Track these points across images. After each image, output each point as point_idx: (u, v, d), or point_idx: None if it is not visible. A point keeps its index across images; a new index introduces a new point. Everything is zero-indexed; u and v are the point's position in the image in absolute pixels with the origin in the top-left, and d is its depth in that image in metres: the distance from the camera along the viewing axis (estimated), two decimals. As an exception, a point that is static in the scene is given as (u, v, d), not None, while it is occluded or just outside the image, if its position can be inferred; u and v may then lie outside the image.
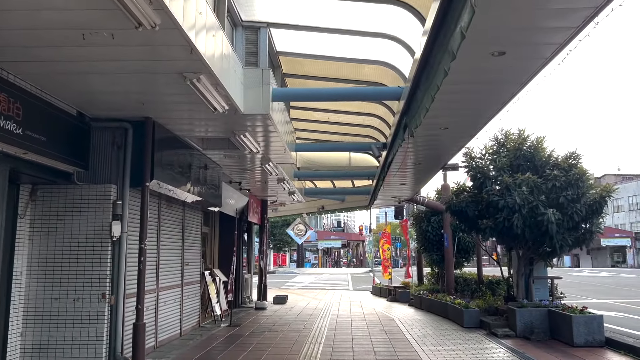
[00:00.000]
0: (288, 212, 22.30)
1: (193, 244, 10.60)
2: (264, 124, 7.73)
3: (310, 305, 15.88)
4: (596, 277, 31.80)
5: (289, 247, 59.63)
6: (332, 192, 18.54)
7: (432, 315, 12.93)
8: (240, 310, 14.14)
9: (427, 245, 17.13)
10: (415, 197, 16.93)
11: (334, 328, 10.73)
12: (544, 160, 10.16)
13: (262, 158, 10.30)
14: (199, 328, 10.64)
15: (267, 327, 11.01)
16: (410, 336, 9.68)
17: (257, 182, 13.54)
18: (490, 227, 9.86)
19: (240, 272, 15.12)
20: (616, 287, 22.96)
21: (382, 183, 11.81)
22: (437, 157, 10.24)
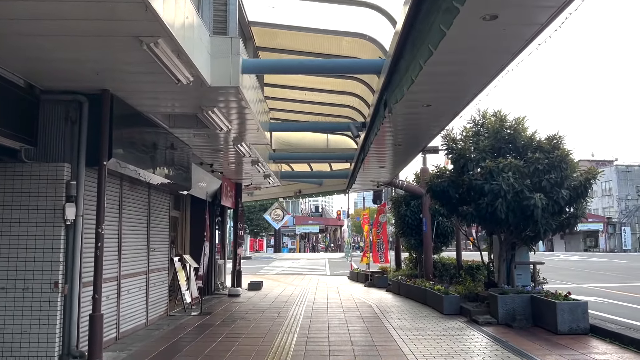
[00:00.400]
0: (264, 196, 21.75)
1: (160, 229, 9.99)
2: (234, 98, 7.14)
3: (286, 291, 15.43)
4: (571, 261, 32.09)
5: (266, 233, 59.15)
6: (309, 175, 18.03)
7: (410, 302, 12.59)
8: (213, 298, 13.61)
9: (405, 230, 16.79)
10: (394, 181, 16.53)
11: (309, 316, 10.29)
12: (526, 142, 9.79)
13: (234, 138, 9.72)
14: (167, 317, 10.09)
15: (239, 315, 10.52)
16: (388, 324, 9.29)
17: (231, 164, 12.94)
18: (471, 213, 9.47)
19: (213, 258, 14.56)
20: (592, 272, 23.07)
21: (361, 165, 11.33)
22: (418, 138, 9.79)
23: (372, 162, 12.25)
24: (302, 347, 7.41)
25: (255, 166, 12.62)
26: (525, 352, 7.00)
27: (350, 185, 16.88)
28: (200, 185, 12.45)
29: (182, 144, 10.04)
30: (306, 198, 23.46)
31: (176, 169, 9.80)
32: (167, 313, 10.27)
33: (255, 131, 9.16)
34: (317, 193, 19.87)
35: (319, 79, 10.59)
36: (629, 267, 25.77)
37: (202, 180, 12.60)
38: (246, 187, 17.86)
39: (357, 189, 18.29)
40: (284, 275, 23.34)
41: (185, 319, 10.00)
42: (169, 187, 9.90)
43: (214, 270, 14.74)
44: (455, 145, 10.03)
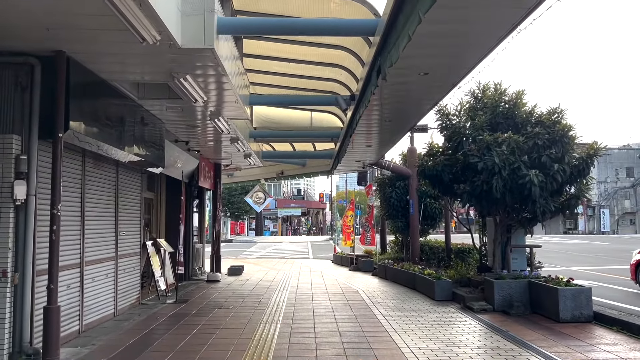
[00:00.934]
0: (245, 177, 20.95)
1: (131, 211, 9.19)
2: (210, 64, 6.34)
3: (268, 276, 14.77)
4: (555, 243, 32.02)
5: (247, 216, 58.36)
6: (291, 155, 17.26)
7: (398, 287, 12.02)
8: (190, 284, 12.88)
9: (391, 212, 16.22)
10: (380, 162, 15.88)
11: (293, 303, 9.64)
12: (525, 118, 9.18)
13: (211, 112, 8.91)
14: (140, 306, 9.34)
15: (218, 303, 9.82)
16: (377, 312, 8.69)
17: (208, 142, 12.12)
18: (467, 192, 8.85)
19: (190, 242, 13.81)
20: (578, 254, 22.88)
21: (348, 141, 10.61)
22: (409, 113, 9.10)
23: (360, 140, 11.55)
24: (286, 339, 6.75)
25: (234, 144, 11.82)
26: (528, 343, 6.44)
27: (335, 165, 16.18)
28: (175, 164, 11.63)
29: (154, 119, 9.21)
30: (288, 180, 22.75)
31: (147, 146, 8.98)
32: (140, 301, 9.52)
33: (234, 104, 8.37)
34: (300, 174, 19.16)
35: (304, 50, 9.80)
36: (612, 250, 25.68)
37: (178, 160, 11.78)
38: (225, 168, 17.05)
39: (342, 170, 17.63)
40: (266, 259, 22.70)
41: (158, 307, 9.27)
42: (140, 165, 9.08)
43: (192, 254, 13.99)
44: (449, 121, 9.36)
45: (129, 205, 9.11)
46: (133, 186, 9.33)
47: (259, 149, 15.67)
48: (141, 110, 8.51)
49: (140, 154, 8.53)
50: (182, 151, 12.04)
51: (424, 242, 16.06)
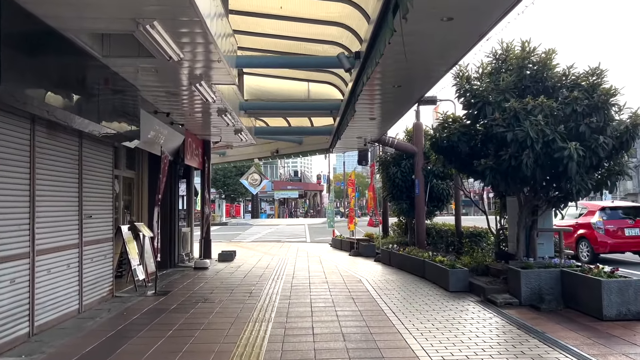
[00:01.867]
0: (238, 156, 19.67)
1: (100, 191, 7.94)
2: (183, 3, 5.05)
3: (262, 262, 13.60)
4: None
5: (243, 198, 57.19)
6: (287, 131, 15.97)
7: (405, 275, 10.86)
8: (176, 272, 11.68)
9: (395, 193, 15.02)
10: (383, 138, 14.62)
11: (288, 296, 8.46)
12: (558, 80, 7.92)
13: (191, 75, 7.62)
14: (112, 299, 8.15)
15: (202, 295, 8.63)
16: (386, 306, 7.51)
17: (194, 114, 10.83)
18: (490, 167, 7.59)
19: (176, 226, 12.60)
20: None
21: (350, 113, 9.34)
22: (424, 75, 7.81)
23: (363, 112, 10.27)
24: (279, 344, 5.56)
25: (223, 117, 10.53)
26: (573, 348, 5.27)
27: (334, 142, 14.91)
28: (156, 139, 10.34)
29: (125, 84, 7.91)
30: (284, 159, 21.47)
31: (117, 115, 7.70)
32: (113, 294, 8.33)
33: (217, 63, 7.07)
34: (297, 153, 17.90)
35: (300, 4, 8.49)
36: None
37: (159, 134, 10.49)
38: (215, 145, 15.78)
39: (341, 148, 16.37)
40: (261, 243, 21.55)
41: (134, 301, 8.07)
42: (110, 138, 7.81)
43: (178, 239, 12.79)
44: (469, 86, 8.08)
45: (98, 184, 7.86)
46: (102, 162, 8.06)
47: (252, 124, 14.39)
48: (108, 73, 7.22)
49: (108, 124, 7.26)
50: (164, 124, 10.75)
51: (430, 225, 14.90)
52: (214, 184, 52.66)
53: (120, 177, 11.00)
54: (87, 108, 6.60)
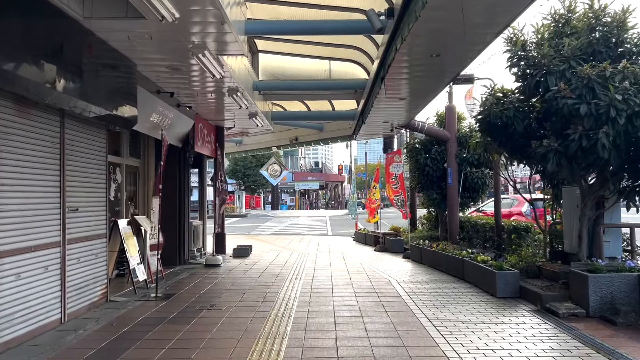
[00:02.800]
0: (255, 145, 18.54)
1: (89, 180, 6.86)
2: None
3: (280, 258, 12.47)
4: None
5: (263, 189, 56.28)
6: (306, 116, 14.75)
7: (440, 275, 9.61)
8: (184, 270, 10.61)
9: (424, 183, 13.72)
10: (412, 123, 13.31)
11: (307, 301, 7.28)
12: (635, 44, 6.53)
13: (192, 42, 6.45)
14: (105, 305, 7.09)
15: (210, 299, 7.52)
16: (424, 317, 6.28)
17: (202, 94, 9.69)
18: (555, 150, 6.25)
19: (185, 219, 11.52)
20: None
21: (378, 89, 8.08)
22: (468, 41, 6.50)
23: (392, 89, 9.01)
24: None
25: (234, 98, 9.37)
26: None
27: (357, 128, 13.65)
28: (160, 122, 9.24)
29: (117, 55, 6.80)
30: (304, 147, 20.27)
31: (108, 92, 6.61)
32: (107, 298, 7.26)
33: (221, 26, 5.89)
34: (317, 141, 16.69)
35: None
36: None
37: (163, 117, 9.39)
38: (229, 132, 14.67)
39: (366, 134, 15.08)
40: (280, 236, 20.46)
41: (130, 307, 7.00)
42: (100, 119, 6.71)
43: (188, 233, 11.72)
44: (524, 53, 6.74)
45: (87, 172, 6.77)
46: (93, 147, 6.97)
47: (268, 109, 13.21)
48: (94, 40, 6.11)
49: (95, 101, 6.16)
50: (170, 107, 9.64)
51: (463, 218, 13.57)
52: (234, 175, 51.90)
53: (123, 165, 9.96)
54: (66, 81, 5.51)
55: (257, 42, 11.43)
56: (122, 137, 10.00)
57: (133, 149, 10.46)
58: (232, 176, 52.38)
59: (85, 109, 6.10)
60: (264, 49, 11.53)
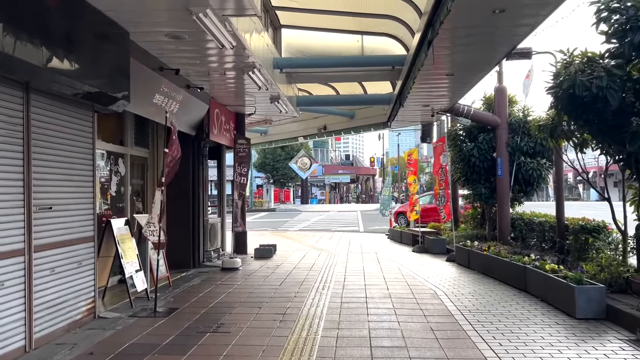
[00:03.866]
0: (280, 135, 17.20)
1: (69, 172, 5.61)
2: None
3: (306, 260, 11.12)
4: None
5: (293, 183, 55.17)
6: (335, 101, 13.30)
7: (495, 285, 8.08)
8: (198, 274, 9.36)
9: (470, 175, 12.15)
10: (456, 107, 11.73)
11: (336, 321, 5.88)
12: None
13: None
14: (91, 322, 5.84)
15: (218, 315, 6.20)
16: (488, 350, 4.80)
17: (215, 73, 8.37)
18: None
19: (199, 216, 10.27)
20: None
21: (422, 61, 6.58)
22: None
23: (439, 62, 7.48)
24: None
25: (251, 76, 8.02)
26: None
27: (393, 114, 12.13)
28: (163, 104, 7.97)
29: (102, 19, 5.51)
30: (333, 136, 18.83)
31: (88, 63, 5.33)
32: (95, 314, 6.03)
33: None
34: (348, 129, 15.23)
35: None
36: None
37: (169, 99, 8.11)
38: (252, 121, 13.37)
39: (402, 121, 13.53)
40: (309, 233, 19.11)
41: (119, 327, 5.73)
42: (79, 96, 5.45)
43: (203, 232, 10.47)
44: (620, 3, 5.15)
45: (64, 163, 5.52)
46: (72, 132, 5.70)
47: (293, 93, 11.83)
48: None
49: (68, 72, 4.89)
50: (178, 88, 8.35)
51: (515, 215, 11.94)
52: (263, 168, 50.92)
53: (127, 156, 8.77)
54: (27, 46, 4.23)
55: (279, 16, 10.06)
56: (125, 123, 8.81)
57: (139, 137, 9.26)
58: (261, 169, 51.43)
59: (53, 80, 4.83)
60: (287, 23, 10.17)
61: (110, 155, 8.28)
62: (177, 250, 9.88)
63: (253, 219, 29.44)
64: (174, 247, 9.90)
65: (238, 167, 10.47)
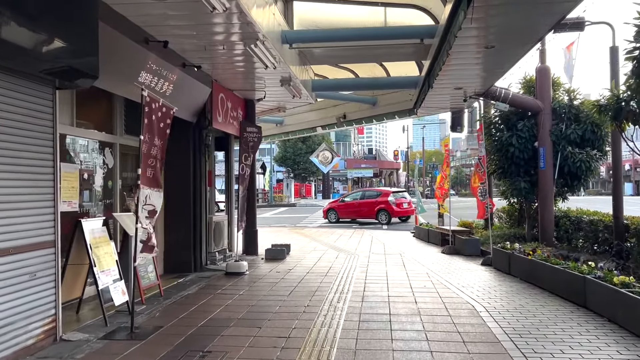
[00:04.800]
0: (296, 125, 15.96)
1: (15, 162, 4.48)
2: None
3: (323, 262, 9.92)
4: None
5: (314, 177, 54.09)
6: (354, 84, 12.00)
7: (545, 297, 6.74)
8: (198, 279, 8.24)
9: (507, 167, 10.84)
10: (492, 90, 10.35)
11: (351, 350, 4.65)
12: None
13: None
14: (50, 347, 4.74)
15: (208, 337, 5.03)
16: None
17: (219, 51, 7.20)
18: None
19: (201, 214, 9.13)
20: None
21: (467, 8, 5.28)
22: None
23: (479, 28, 6.16)
24: None
25: (254, 50, 6.82)
26: None
27: (422, 97, 10.78)
28: (153, 84, 6.83)
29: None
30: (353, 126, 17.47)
31: (45, 28, 4.22)
32: (57, 336, 4.92)
33: None
34: (370, 118, 13.90)
35: None
36: None
37: (158, 77, 6.97)
38: (263, 109, 12.21)
39: (430, 107, 12.07)
40: (328, 230, 17.90)
41: (79, 356, 4.61)
42: (37, 68, 4.34)
43: (206, 232, 9.35)
44: None
45: (11, 149, 4.40)
46: (25, 112, 4.58)
47: (307, 76, 10.60)
48: None
49: (14, 36, 3.77)
50: (171, 65, 7.21)
51: (559, 212, 10.55)
52: (283, 162, 49.91)
53: (116, 145, 7.69)
54: None
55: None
56: (114, 107, 7.72)
57: (132, 124, 8.14)
58: (282, 163, 50.44)
59: None
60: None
61: (97, 144, 7.21)
62: (176, 252, 8.80)
63: (272, 214, 28.37)
64: (172, 248, 8.83)
65: (244, 157, 9.29)
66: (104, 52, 5.17)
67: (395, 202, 21.24)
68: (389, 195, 21.59)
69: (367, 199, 22.11)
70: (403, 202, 21.53)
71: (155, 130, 5.75)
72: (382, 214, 21.25)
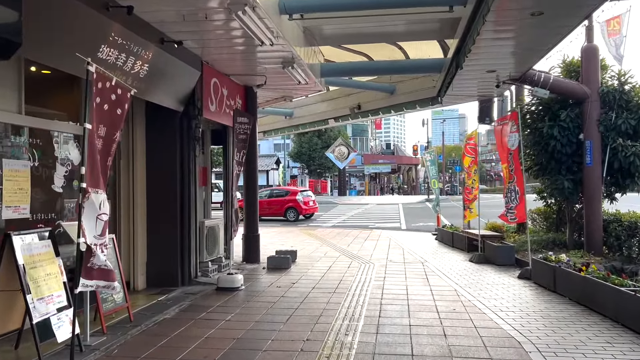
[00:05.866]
0: (308, 117, 14.61)
1: None
2: None
3: (332, 275, 8.59)
4: None
5: (330, 173, 52.70)
6: (369, 68, 10.56)
7: (610, 327, 5.32)
8: (183, 296, 6.96)
9: (547, 163, 9.39)
10: (529, 74, 8.90)
11: (360, 422, 3.31)
12: None
13: None
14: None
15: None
16: None
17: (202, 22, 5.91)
18: None
19: (191, 218, 7.84)
20: None
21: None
22: None
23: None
24: None
25: (240, 18, 5.49)
26: None
27: (447, 82, 9.36)
28: (117, 61, 5.55)
29: None
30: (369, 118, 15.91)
31: None
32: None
33: None
34: (387, 108, 12.45)
35: None
36: None
37: (125, 54, 5.69)
38: (269, 99, 10.91)
39: (457, 95, 10.53)
40: (343, 230, 16.54)
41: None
42: None
43: (196, 238, 8.08)
44: None
45: None
46: None
47: (315, 60, 9.26)
48: None
49: None
50: (143, 40, 5.93)
51: (608, 216, 9.07)
52: (299, 158, 48.66)
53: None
54: None
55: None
56: (80, 93, 6.46)
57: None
58: (297, 159, 49.22)
59: None
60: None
61: (60, 136, 5.98)
62: (159, 263, 7.55)
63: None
64: (155, 259, 7.57)
65: (237, 154, 7.98)
66: (44, 16, 3.91)
67: (303, 201, 22.41)
68: (297, 194, 22.87)
69: (276, 197, 23.03)
70: (309, 201, 22.91)
71: (107, 118, 4.45)
72: (291, 212, 22.28)
